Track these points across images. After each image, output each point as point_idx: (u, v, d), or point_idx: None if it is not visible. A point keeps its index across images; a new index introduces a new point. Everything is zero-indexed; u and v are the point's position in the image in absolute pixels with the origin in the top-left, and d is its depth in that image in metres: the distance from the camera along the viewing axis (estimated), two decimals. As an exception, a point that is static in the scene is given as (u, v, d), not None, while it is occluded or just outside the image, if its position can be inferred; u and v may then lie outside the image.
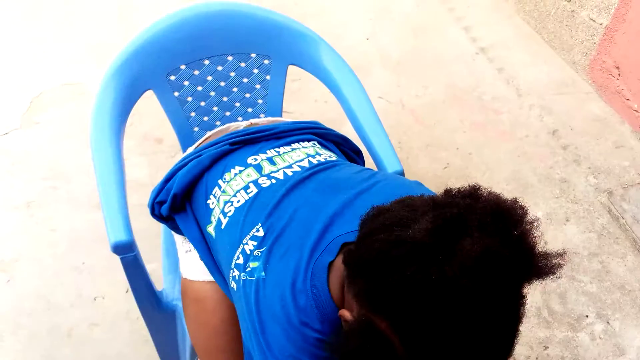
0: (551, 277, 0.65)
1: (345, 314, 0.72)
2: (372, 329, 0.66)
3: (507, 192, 1.89)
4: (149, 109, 1.40)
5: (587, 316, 1.62)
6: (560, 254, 0.65)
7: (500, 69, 2.29)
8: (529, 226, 0.66)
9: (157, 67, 1.18)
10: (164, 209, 1.02)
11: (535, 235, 0.66)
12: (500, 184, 1.92)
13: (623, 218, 1.80)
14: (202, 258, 0.99)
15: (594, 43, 2.14)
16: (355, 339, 0.68)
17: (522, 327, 0.66)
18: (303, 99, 2.11)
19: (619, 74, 2.07)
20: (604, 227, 1.82)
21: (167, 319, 1.22)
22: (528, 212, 0.67)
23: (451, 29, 2.44)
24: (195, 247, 0.99)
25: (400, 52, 2.33)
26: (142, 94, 1.19)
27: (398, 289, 0.62)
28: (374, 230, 0.67)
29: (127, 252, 1.00)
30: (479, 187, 0.70)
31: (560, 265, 0.65)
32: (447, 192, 0.71)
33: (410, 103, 2.15)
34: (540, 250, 0.65)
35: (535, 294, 1.66)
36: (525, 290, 0.65)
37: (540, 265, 0.64)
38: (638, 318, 1.62)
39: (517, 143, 2.04)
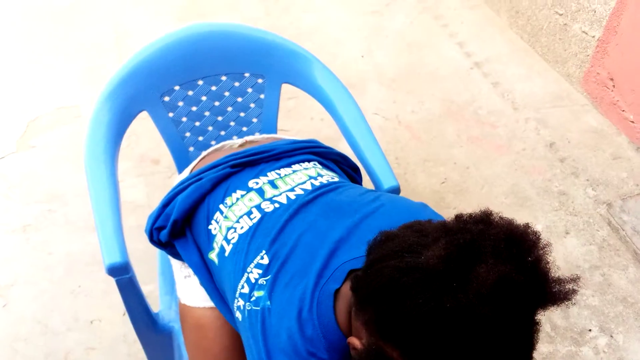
0: (566, 303, 0.64)
1: (355, 342, 0.71)
2: (384, 357, 0.65)
3: (505, 205, 1.89)
4: (146, 130, 1.41)
5: (590, 330, 1.60)
6: (574, 279, 0.65)
7: (495, 83, 2.30)
8: (542, 251, 0.65)
9: (151, 89, 1.18)
10: (163, 235, 1.00)
11: (549, 260, 0.65)
12: (498, 197, 1.91)
13: (623, 230, 1.79)
14: (202, 284, 0.98)
15: (588, 55, 2.15)
16: None
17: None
18: (299, 116, 2.12)
19: (614, 86, 2.08)
20: (604, 239, 1.81)
21: (164, 341, 1.21)
22: (541, 237, 0.67)
23: (445, 45, 2.46)
24: (196, 273, 0.98)
25: (395, 68, 2.35)
26: (136, 115, 1.19)
27: (410, 318, 0.61)
28: (384, 256, 0.67)
29: (122, 274, 0.99)
30: (491, 212, 0.70)
31: (574, 291, 0.64)
32: (458, 217, 0.70)
33: (406, 119, 2.15)
34: (554, 276, 0.65)
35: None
36: (539, 317, 0.64)
37: (554, 292, 0.64)
38: (642, 331, 1.61)
39: (514, 157, 2.04)
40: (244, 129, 1.31)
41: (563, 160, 2.03)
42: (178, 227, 0.99)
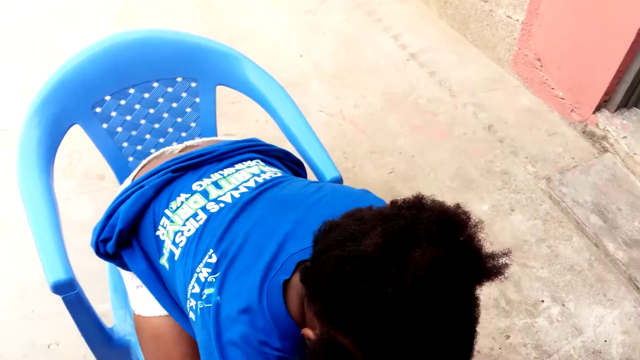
0: (500, 277, 0.67)
1: (308, 332, 0.72)
2: (336, 345, 0.67)
3: (452, 189, 1.94)
4: (87, 147, 1.38)
5: (542, 301, 1.66)
6: (506, 253, 0.68)
7: (431, 72, 2.36)
8: (473, 230, 0.68)
9: (81, 100, 1.16)
10: (110, 247, 0.99)
11: (480, 237, 0.68)
12: (445, 182, 1.96)
13: (564, 202, 1.86)
14: (152, 293, 0.97)
15: (514, 39, 2.23)
16: (320, 356, 0.69)
17: (482, 319, 0.68)
18: (243, 120, 2.12)
19: (541, 65, 2.16)
20: (547, 212, 1.88)
21: (122, 356, 1.19)
22: (471, 216, 0.70)
23: (381, 39, 2.50)
24: (144, 282, 0.97)
25: (335, 65, 2.37)
26: (67, 129, 1.17)
27: (356, 305, 0.63)
28: (327, 247, 0.68)
29: (68, 291, 0.97)
30: (423, 196, 0.72)
31: (507, 265, 0.67)
32: (393, 203, 0.73)
33: (350, 114, 2.18)
34: (486, 252, 0.67)
35: (491, 285, 1.68)
36: (478, 292, 0.67)
37: (488, 267, 0.66)
38: (590, 297, 1.67)
39: (456, 141, 2.10)
40: (183, 134, 1.30)
41: (502, 140, 2.10)
42: (124, 237, 0.99)
